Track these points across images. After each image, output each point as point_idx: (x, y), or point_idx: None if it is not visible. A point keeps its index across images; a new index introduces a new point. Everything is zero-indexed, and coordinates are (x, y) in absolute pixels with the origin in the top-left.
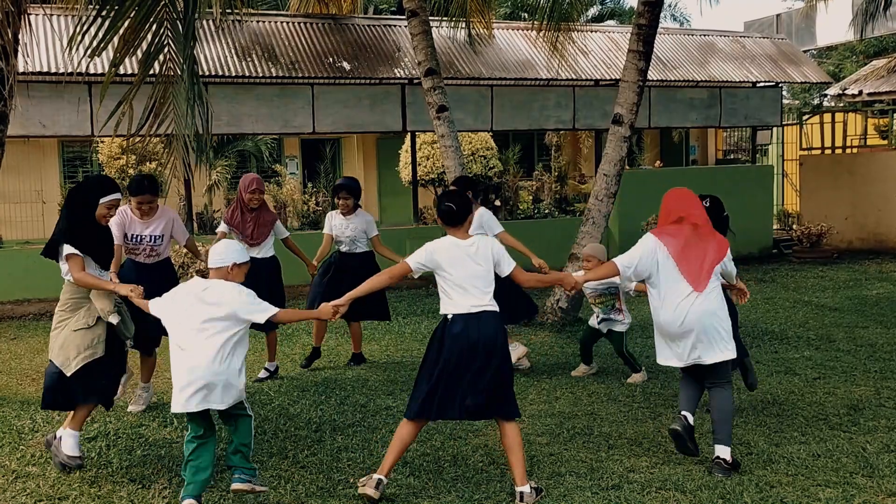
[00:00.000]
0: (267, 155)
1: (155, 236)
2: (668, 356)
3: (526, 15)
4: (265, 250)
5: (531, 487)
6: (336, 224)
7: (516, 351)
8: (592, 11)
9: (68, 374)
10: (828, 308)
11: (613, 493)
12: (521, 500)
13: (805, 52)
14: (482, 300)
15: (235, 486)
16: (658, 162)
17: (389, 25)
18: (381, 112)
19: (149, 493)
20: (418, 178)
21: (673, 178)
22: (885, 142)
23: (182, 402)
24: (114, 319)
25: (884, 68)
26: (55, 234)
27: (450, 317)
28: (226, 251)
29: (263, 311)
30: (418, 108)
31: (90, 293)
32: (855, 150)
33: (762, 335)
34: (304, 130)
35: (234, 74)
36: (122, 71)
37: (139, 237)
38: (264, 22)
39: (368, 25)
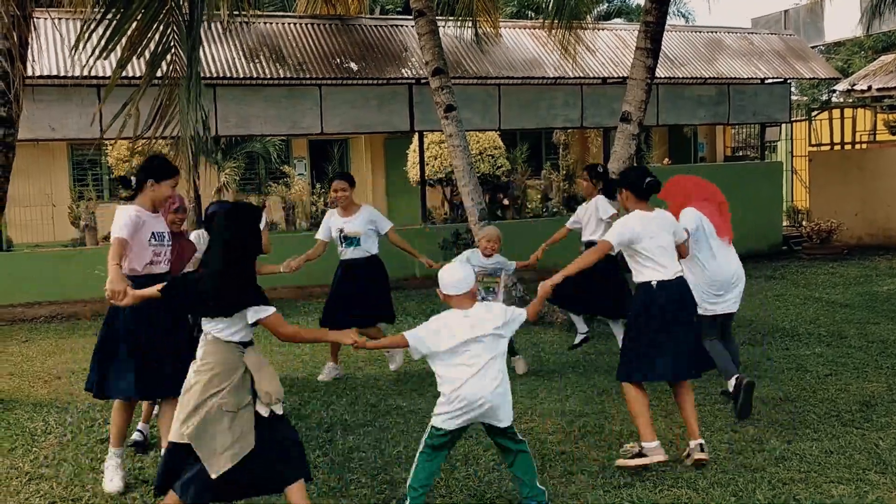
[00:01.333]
0: (275, 156)
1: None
2: (715, 307)
3: (532, 13)
4: None
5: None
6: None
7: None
8: (599, 9)
9: (213, 476)
10: (838, 304)
11: (625, 492)
12: (703, 450)
13: (813, 48)
14: (678, 266)
15: None
16: (666, 159)
17: (396, 25)
18: (388, 112)
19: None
20: (426, 177)
21: None
22: (895, 137)
23: (457, 420)
24: (279, 409)
25: (892, 63)
26: (231, 299)
27: (654, 283)
28: (466, 274)
29: (519, 318)
30: (426, 107)
31: (247, 364)
32: (864, 146)
33: (773, 332)
34: (312, 131)
35: (241, 76)
36: (129, 73)
37: (160, 235)
38: (272, 23)
39: (375, 26)
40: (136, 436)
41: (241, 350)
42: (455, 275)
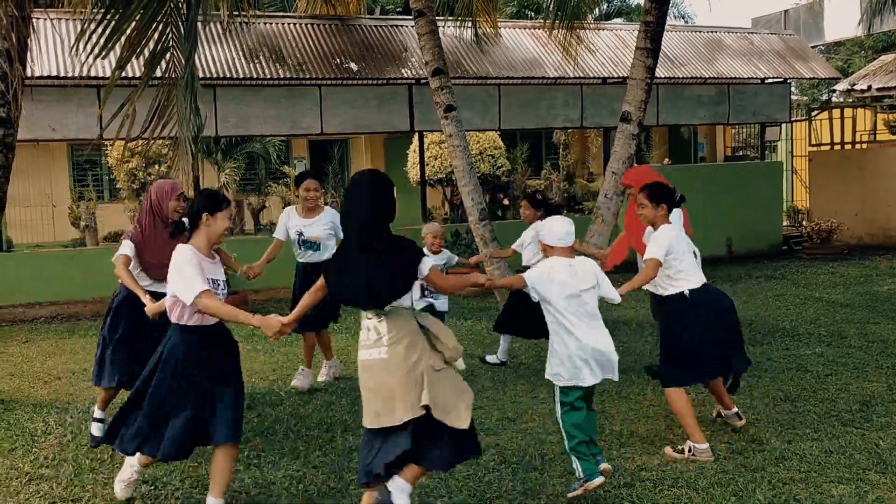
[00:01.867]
0: (275, 156)
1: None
2: None
3: (532, 13)
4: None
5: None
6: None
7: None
8: (600, 9)
9: (465, 426)
10: (839, 304)
11: (626, 491)
12: (740, 418)
13: (813, 47)
14: (702, 274)
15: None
16: (667, 159)
17: (396, 26)
18: (388, 112)
19: (161, 494)
20: (426, 177)
21: (682, 176)
22: (895, 137)
23: (579, 374)
24: (461, 365)
25: (892, 63)
26: (412, 259)
27: (686, 293)
28: (569, 226)
29: (611, 290)
30: (426, 107)
31: (425, 324)
32: (864, 146)
33: (773, 332)
34: (311, 131)
35: (241, 76)
36: (129, 74)
37: (215, 282)
38: (271, 23)
39: (375, 26)
40: (95, 429)
41: (413, 313)
42: (564, 227)
